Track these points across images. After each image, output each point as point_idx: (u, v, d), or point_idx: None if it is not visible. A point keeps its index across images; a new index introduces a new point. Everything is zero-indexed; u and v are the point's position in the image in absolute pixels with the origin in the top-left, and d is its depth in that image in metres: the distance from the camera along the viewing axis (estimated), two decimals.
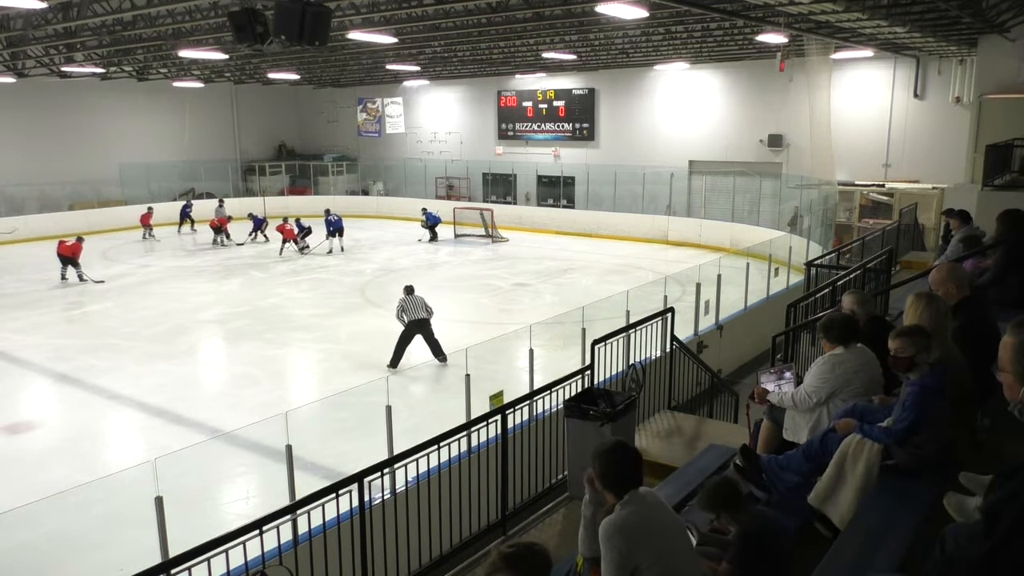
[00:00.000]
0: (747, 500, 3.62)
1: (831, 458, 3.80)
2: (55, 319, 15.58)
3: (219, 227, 24.30)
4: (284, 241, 22.52)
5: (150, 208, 25.93)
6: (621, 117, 26.48)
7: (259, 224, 24.76)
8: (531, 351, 9.20)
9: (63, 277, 18.64)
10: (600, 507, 3.29)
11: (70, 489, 6.83)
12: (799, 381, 4.72)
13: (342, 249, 23.03)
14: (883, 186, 20.30)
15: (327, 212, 23.38)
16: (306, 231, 22.86)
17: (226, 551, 4.14)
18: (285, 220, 22.97)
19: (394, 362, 11.99)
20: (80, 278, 18.57)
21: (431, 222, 25.19)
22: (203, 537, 4.07)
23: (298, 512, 4.73)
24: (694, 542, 3.45)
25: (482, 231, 25.17)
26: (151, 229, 25.57)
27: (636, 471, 3.17)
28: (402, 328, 12.09)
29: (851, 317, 4.58)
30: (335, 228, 22.87)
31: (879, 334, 4.20)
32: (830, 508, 3.70)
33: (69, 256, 18.69)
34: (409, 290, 12.37)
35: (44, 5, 12.19)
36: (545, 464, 6.50)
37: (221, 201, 26.04)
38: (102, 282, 18.71)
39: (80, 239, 19.43)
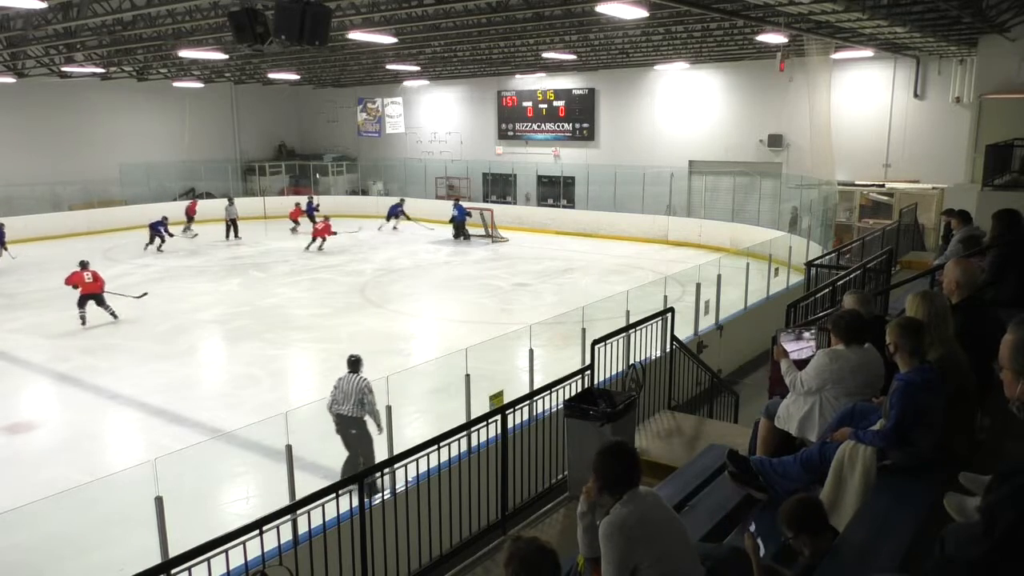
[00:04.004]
0: (830, 527, 3.43)
1: (829, 467, 3.80)
2: (55, 319, 15.57)
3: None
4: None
5: (297, 204, 26.55)
6: (621, 117, 26.47)
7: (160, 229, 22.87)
8: (531, 351, 9.20)
9: (83, 321, 14.80)
10: (596, 515, 3.28)
11: (70, 489, 6.83)
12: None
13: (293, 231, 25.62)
14: (883, 186, 20.30)
15: (310, 199, 26.41)
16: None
17: (226, 551, 4.13)
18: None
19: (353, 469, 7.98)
20: (113, 315, 15.02)
21: (460, 218, 25.03)
22: (203, 537, 4.07)
23: (298, 512, 4.73)
24: (762, 551, 3.27)
25: (482, 231, 25.18)
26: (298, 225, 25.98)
27: (634, 471, 3.18)
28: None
29: (862, 318, 4.51)
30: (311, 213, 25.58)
31: (879, 334, 4.19)
32: (835, 518, 3.67)
33: (96, 292, 15.00)
34: (351, 364, 8.31)
35: (44, 5, 12.18)
36: (545, 464, 6.50)
37: (231, 200, 26.19)
38: (145, 294, 16.42)
39: (84, 265, 15.17)
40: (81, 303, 14.85)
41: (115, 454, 9.63)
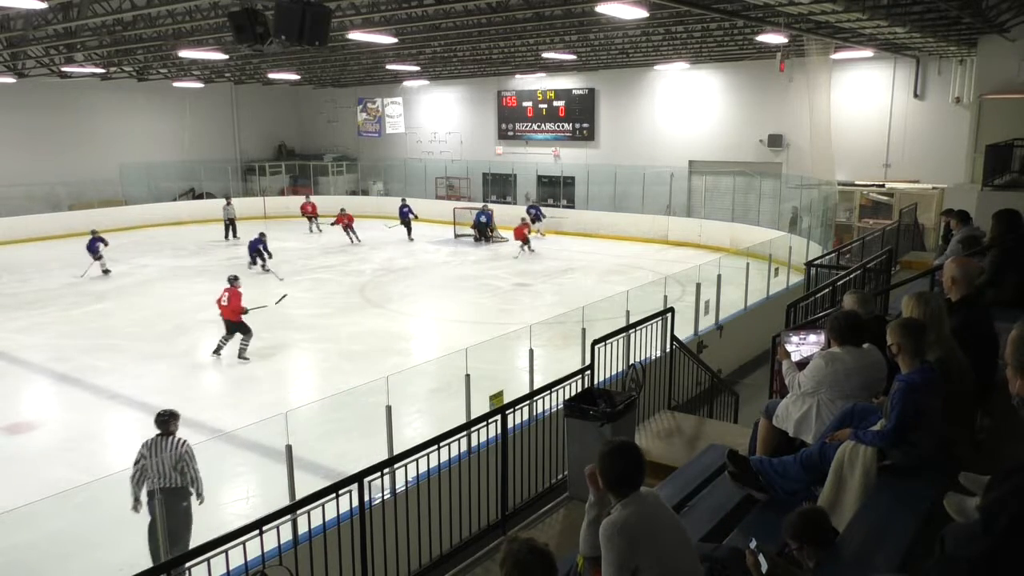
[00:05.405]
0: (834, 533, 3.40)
1: (829, 467, 3.80)
2: (55, 319, 15.57)
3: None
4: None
5: (342, 209, 25.75)
6: (621, 117, 26.47)
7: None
8: (531, 351, 9.20)
9: (218, 352, 12.94)
10: (604, 508, 3.29)
11: (70, 489, 6.82)
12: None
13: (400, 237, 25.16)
14: (883, 186, 20.31)
15: (403, 202, 25.95)
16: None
17: (226, 551, 4.14)
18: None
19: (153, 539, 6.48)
20: (219, 351, 12.94)
21: (489, 222, 24.74)
22: (203, 537, 4.07)
23: (298, 512, 4.73)
24: (764, 567, 3.21)
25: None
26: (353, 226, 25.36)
27: (639, 472, 3.17)
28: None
29: (858, 318, 4.48)
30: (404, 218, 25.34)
31: (879, 334, 4.19)
32: (835, 518, 3.66)
33: (228, 319, 12.90)
34: (162, 423, 6.78)
35: (44, 5, 12.19)
36: (545, 464, 6.50)
37: (228, 200, 26.18)
38: (284, 296, 15.07)
39: (231, 281, 13.15)
40: (229, 330, 12.94)
41: (115, 454, 9.60)
